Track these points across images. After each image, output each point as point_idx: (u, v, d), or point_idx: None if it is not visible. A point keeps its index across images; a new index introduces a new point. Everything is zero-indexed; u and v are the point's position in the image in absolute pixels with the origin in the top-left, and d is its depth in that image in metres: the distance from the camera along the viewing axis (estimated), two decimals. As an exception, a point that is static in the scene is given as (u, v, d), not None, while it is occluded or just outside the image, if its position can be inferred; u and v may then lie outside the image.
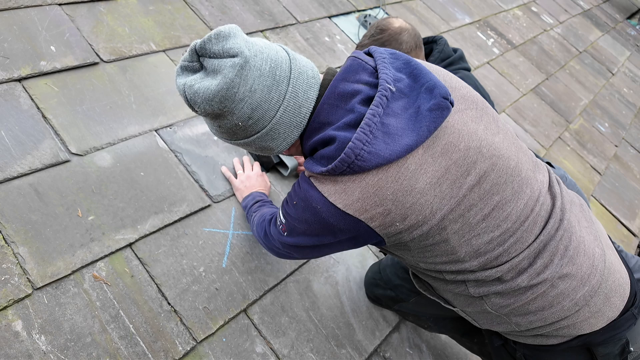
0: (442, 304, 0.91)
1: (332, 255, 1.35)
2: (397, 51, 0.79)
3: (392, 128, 0.69)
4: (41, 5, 1.40)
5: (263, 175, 1.34)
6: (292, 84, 0.72)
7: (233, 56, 0.68)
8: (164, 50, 1.53)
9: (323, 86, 0.76)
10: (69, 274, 0.99)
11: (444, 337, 1.37)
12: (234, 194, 1.32)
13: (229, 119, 0.72)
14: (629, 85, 3.77)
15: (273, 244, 0.92)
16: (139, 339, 0.98)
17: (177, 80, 0.73)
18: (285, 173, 1.43)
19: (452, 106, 0.70)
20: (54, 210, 1.06)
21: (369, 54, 0.78)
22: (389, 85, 0.70)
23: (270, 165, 1.41)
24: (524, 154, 0.79)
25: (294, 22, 2.01)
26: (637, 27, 4.99)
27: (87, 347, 0.93)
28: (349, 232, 0.73)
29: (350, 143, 0.67)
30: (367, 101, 0.71)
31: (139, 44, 1.49)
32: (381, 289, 1.23)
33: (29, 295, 0.93)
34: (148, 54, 1.49)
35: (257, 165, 1.37)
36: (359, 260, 1.39)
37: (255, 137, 0.75)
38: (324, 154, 0.72)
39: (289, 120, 0.74)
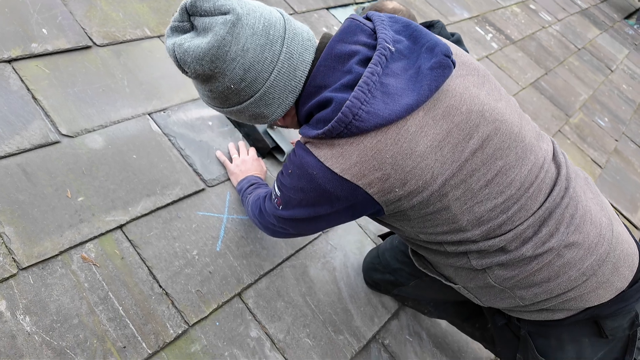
0: (443, 281, 0.88)
1: (330, 241, 1.32)
2: (396, 15, 0.76)
3: (392, 88, 0.66)
4: (33, -11, 1.38)
5: (259, 159, 1.32)
6: (286, 44, 0.69)
7: (225, 13, 0.65)
8: (158, 36, 1.51)
9: (319, 49, 0.73)
10: (57, 255, 0.96)
11: (444, 324, 1.34)
12: (228, 179, 1.29)
13: (220, 81, 0.69)
14: (628, 82, 3.76)
15: (268, 221, 0.88)
16: (129, 321, 0.95)
17: (167, 41, 0.71)
18: (282, 159, 1.40)
19: (454, 66, 0.68)
20: (42, 191, 1.03)
21: (367, 18, 0.76)
22: (388, 45, 0.68)
23: (266, 151, 1.39)
24: (527, 122, 0.77)
25: (291, 12, 1.99)
26: (635, 26, 5.00)
27: (74, 329, 0.89)
28: (346, 200, 0.70)
29: (347, 102, 0.64)
30: (365, 62, 0.68)
31: (133, 29, 1.47)
32: (380, 273, 1.20)
33: (14, 275, 0.90)
34: (142, 39, 1.47)
35: (252, 150, 1.34)
36: (356, 247, 1.35)
37: (248, 103, 0.72)
38: (320, 117, 0.69)
39: (283, 83, 0.71)
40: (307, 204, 0.74)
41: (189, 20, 0.69)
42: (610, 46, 4.10)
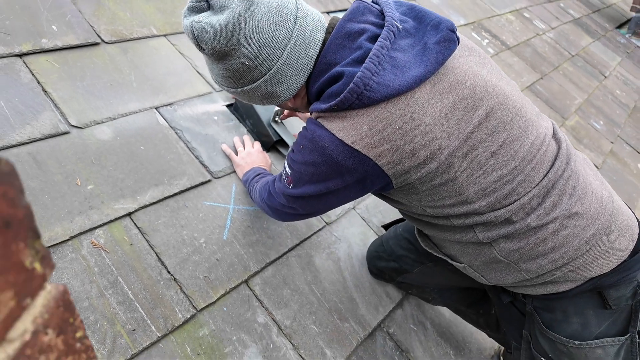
0: (449, 261, 0.89)
1: (334, 232, 1.33)
2: (401, 0, 0.80)
3: (400, 61, 0.69)
4: (43, -11, 1.42)
5: (264, 152, 1.34)
6: (298, 22, 0.72)
7: None
8: (164, 35, 1.55)
9: (329, 29, 0.77)
10: (67, 240, 0.97)
11: (448, 314, 1.35)
12: (234, 171, 1.31)
13: (236, 58, 0.72)
14: (621, 87, 3.84)
15: (277, 202, 0.90)
16: (138, 305, 0.95)
17: (185, 20, 0.73)
18: (286, 152, 1.43)
19: (458, 41, 0.71)
20: (52, 178, 1.04)
21: (374, 2, 0.79)
22: (395, 22, 0.71)
23: (270, 145, 1.41)
24: (527, 102, 0.80)
25: (292, 15, 2.04)
26: (627, 35, 5.11)
27: (84, 311, 0.90)
28: (356, 172, 0.72)
29: (359, 73, 0.67)
30: (374, 38, 0.71)
31: (140, 28, 1.51)
32: (384, 261, 1.21)
33: (26, 258, 0.91)
34: (149, 37, 1.51)
35: (257, 143, 1.37)
36: (360, 239, 1.37)
37: (261, 81, 0.75)
38: (332, 91, 0.71)
39: (295, 61, 0.74)
40: (318, 179, 0.75)
41: (206, 0, 0.72)
42: (603, 54, 4.20)
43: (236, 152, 1.33)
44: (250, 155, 1.29)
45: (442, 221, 0.80)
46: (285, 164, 0.83)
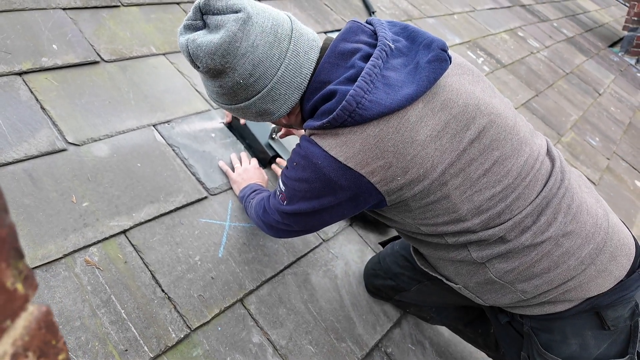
0: (444, 281, 0.89)
1: (331, 249, 1.33)
2: (395, 20, 0.82)
3: (392, 80, 0.70)
4: (45, 9, 1.45)
5: (260, 169, 1.34)
6: (293, 42, 0.74)
7: (236, 12, 0.70)
8: (164, 54, 1.57)
9: (323, 49, 0.78)
10: (60, 258, 0.96)
11: (447, 333, 1.33)
12: (231, 188, 1.31)
13: (230, 76, 0.73)
14: (616, 104, 3.88)
15: (272, 219, 0.90)
16: (131, 325, 0.94)
17: (180, 38, 0.74)
18: (283, 169, 1.43)
19: (450, 60, 0.72)
20: (47, 196, 1.04)
21: (368, 23, 0.81)
22: (388, 42, 0.72)
23: (266, 161, 1.41)
24: (521, 120, 0.80)
25: (290, 35, 2.07)
26: (620, 54, 5.20)
27: (76, 331, 0.89)
28: (349, 189, 0.72)
29: (351, 91, 0.68)
30: (367, 58, 0.72)
31: (140, 47, 1.53)
32: (381, 278, 1.20)
33: (18, 277, 0.90)
34: (148, 56, 1.53)
35: (254, 160, 1.37)
36: (357, 256, 1.36)
37: (256, 99, 0.76)
38: (325, 109, 0.72)
39: (289, 80, 0.75)
40: (311, 196, 0.76)
41: (201, 18, 0.73)
42: (596, 71, 4.26)
43: (233, 169, 1.33)
44: (247, 171, 1.29)
45: (436, 239, 0.80)
46: (280, 181, 0.84)
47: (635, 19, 4.94)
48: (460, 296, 0.96)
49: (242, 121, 1.42)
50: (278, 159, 1.40)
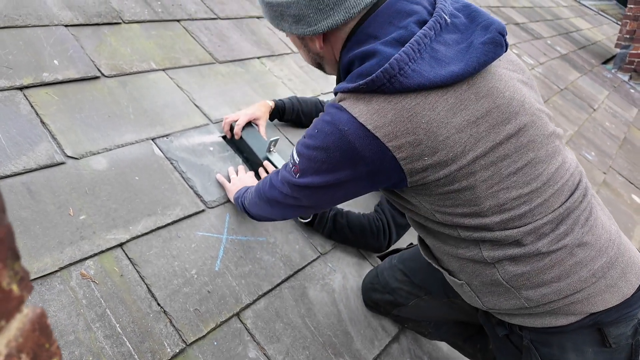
0: (447, 276, 0.86)
1: (328, 263, 1.32)
2: None
3: (441, 54, 0.67)
4: (48, 25, 1.47)
5: (255, 179, 1.34)
6: None
7: None
8: (163, 69, 1.59)
9: (380, 1, 0.72)
10: (56, 271, 0.96)
11: (445, 348, 1.31)
12: (228, 201, 1.31)
13: None
14: (610, 120, 3.93)
15: (278, 193, 0.84)
16: (125, 339, 0.93)
17: None
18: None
19: (506, 48, 0.69)
20: (45, 208, 1.04)
21: None
22: (444, 15, 0.69)
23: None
24: (560, 131, 0.80)
25: (289, 51, 2.11)
26: (613, 70, 5.29)
27: (70, 345, 0.87)
28: (371, 162, 0.68)
29: (396, 55, 0.64)
30: (422, 24, 0.69)
31: (140, 62, 1.56)
32: (379, 293, 1.19)
33: (12, 290, 0.89)
34: (148, 71, 1.55)
35: (250, 172, 1.38)
36: (355, 269, 1.35)
37: None
38: (362, 70, 0.68)
39: None
40: (327, 167, 0.71)
41: None
42: (590, 87, 4.33)
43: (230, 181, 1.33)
44: (242, 180, 1.28)
45: (449, 230, 0.77)
46: (294, 152, 0.78)
47: (627, 36, 5.04)
48: (459, 311, 0.95)
49: (237, 135, 1.43)
50: (265, 162, 1.40)
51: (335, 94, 0.75)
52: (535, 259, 0.74)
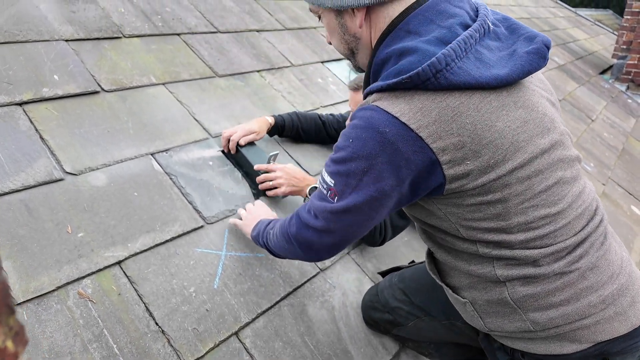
0: (450, 293, 0.85)
1: (328, 279, 1.31)
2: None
3: (485, 57, 0.66)
4: (48, 40, 1.48)
5: (265, 205, 1.27)
6: None
7: None
8: (163, 84, 1.60)
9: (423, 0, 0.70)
10: (53, 290, 0.95)
11: (447, 366, 1.29)
12: (227, 216, 1.30)
13: None
14: (609, 130, 3.94)
15: (312, 234, 0.77)
16: (122, 360, 0.91)
17: None
18: (283, 197, 1.43)
19: (546, 63, 0.69)
20: (42, 226, 1.03)
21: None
22: (488, 21, 0.69)
23: (264, 191, 1.41)
24: (580, 157, 0.81)
25: (288, 65, 2.12)
26: (610, 81, 5.33)
27: (66, 368, 0.86)
28: (414, 167, 0.65)
29: (444, 50, 0.62)
30: (465, 27, 0.68)
31: (140, 77, 1.56)
32: (379, 312, 1.18)
33: (8, 311, 0.88)
34: (148, 85, 1.55)
35: (258, 201, 1.30)
36: (355, 285, 1.34)
37: None
38: (401, 67, 0.64)
39: None
40: (369, 180, 0.66)
41: None
42: (588, 98, 4.35)
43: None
44: (251, 211, 1.21)
45: (467, 245, 0.75)
46: (324, 177, 0.73)
47: (624, 47, 5.08)
48: (459, 334, 0.94)
49: (232, 150, 1.42)
50: (266, 165, 1.38)
51: (366, 95, 0.71)
52: (547, 280, 0.72)
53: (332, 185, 0.71)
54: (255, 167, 1.38)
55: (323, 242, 0.78)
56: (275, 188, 1.35)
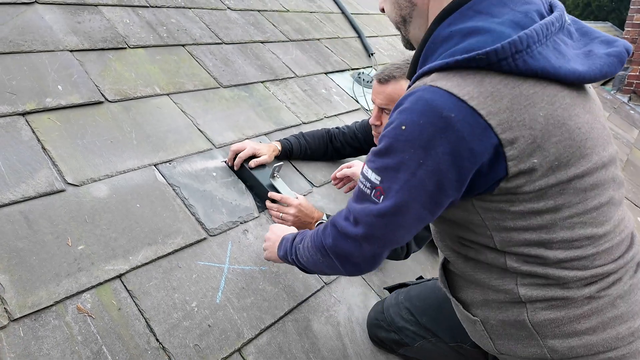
0: (459, 309, 0.79)
1: (333, 293, 1.28)
2: None
3: (563, 49, 0.61)
4: (53, 51, 1.47)
5: (284, 225, 1.19)
6: None
7: None
8: (167, 94, 1.59)
9: None
10: (51, 305, 0.92)
11: (456, 385, 1.25)
12: (231, 228, 1.28)
13: None
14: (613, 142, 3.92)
15: (351, 245, 0.69)
16: (121, 379, 0.88)
17: None
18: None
19: (622, 67, 0.66)
20: (42, 239, 1.01)
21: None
22: (565, 16, 0.65)
23: (266, 197, 1.39)
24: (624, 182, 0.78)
25: (292, 75, 2.11)
26: (612, 92, 5.33)
27: (62, 386, 0.83)
28: (479, 158, 0.56)
29: (527, 31, 0.56)
30: (541, 16, 0.62)
31: (144, 87, 1.55)
32: (384, 331, 1.14)
33: (4, 326, 0.85)
34: (152, 96, 1.54)
35: (278, 225, 1.19)
36: (360, 300, 1.31)
37: None
38: (470, 46, 0.57)
39: None
40: (425, 173, 0.57)
41: None
42: (592, 110, 4.34)
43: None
44: (276, 232, 1.08)
45: (494, 256, 0.67)
46: (369, 172, 0.64)
47: (626, 59, 5.09)
48: (467, 358, 0.90)
49: (236, 166, 1.41)
50: (271, 194, 1.35)
51: (418, 77, 0.62)
52: (573, 305, 0.66)
53: (378, 182, 0.62)
54: (270, 194, 1.36)
55: (363, 253, 0.70)
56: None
